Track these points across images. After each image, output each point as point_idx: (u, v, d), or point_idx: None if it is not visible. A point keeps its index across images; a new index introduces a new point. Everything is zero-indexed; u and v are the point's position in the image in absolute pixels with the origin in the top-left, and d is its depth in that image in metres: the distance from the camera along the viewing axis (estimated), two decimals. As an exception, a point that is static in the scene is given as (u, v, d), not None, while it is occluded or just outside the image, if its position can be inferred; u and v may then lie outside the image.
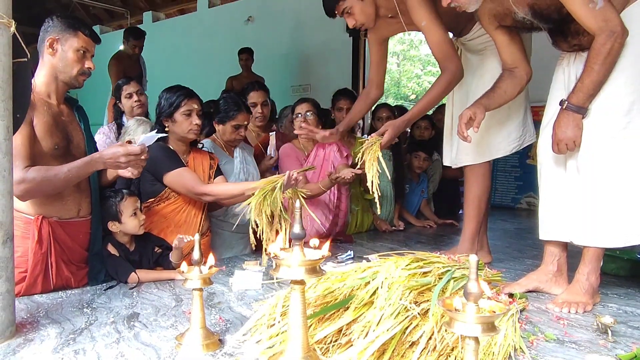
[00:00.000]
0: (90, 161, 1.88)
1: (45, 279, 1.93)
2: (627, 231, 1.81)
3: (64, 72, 1.97)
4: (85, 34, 1.97)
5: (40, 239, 1.89)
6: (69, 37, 1.95)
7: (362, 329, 1.38)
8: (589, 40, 1.82)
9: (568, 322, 1.71)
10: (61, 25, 1.95)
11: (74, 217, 2.02)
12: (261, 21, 7.81)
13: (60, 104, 2.01)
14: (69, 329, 1.59)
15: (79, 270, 2.06)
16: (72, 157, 1.96)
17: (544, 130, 2.06)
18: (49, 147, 1.89)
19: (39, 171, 1.80)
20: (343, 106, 3.50)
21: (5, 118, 1.50)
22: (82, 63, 1.98)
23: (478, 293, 0.99)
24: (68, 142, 1.98)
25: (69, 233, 1.99)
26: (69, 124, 2.02)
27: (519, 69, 2.15)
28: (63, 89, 2.02)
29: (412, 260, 1.68)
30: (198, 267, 1.47)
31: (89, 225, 2.08)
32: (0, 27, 1.47)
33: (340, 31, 6.78)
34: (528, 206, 5.28)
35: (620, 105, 1.80)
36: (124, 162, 1.86)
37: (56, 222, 1.95)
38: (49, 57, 1.95)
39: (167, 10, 10.00)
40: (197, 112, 2.43)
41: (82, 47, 1.96)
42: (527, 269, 2.36)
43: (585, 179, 1.88)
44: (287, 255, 1.24)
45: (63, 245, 1.97)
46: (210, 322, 1.65)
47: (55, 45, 1.94)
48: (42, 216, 1.91)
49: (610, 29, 1.71)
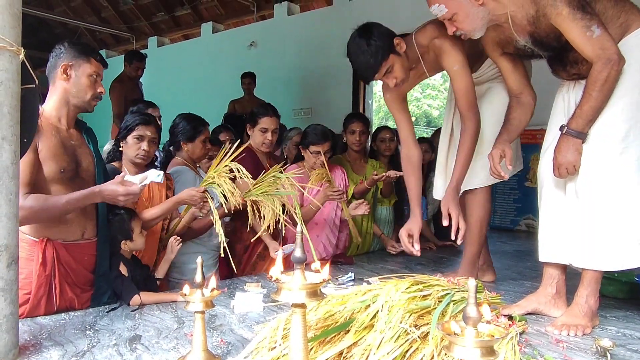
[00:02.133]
0: (90, 194, 1.92)
1: (48, 300, 1.95)
2: (625, 254, 1.83)
3: (77, 97, 2.01)
4: (96, 59, 2.03)
5: (45, 261, 1.91)
6: (82, 63, 2.00)
7: (363, 352, 1.39)
8: (588, 69, 1.87)
9: (567, 345, 1.72)
10: (73, 51, 2.00)
11: (78, 240, 2.04)
12: (263, 46, 7.95)
13: (71, 127, 2.06)
14: (71, 351, 1.60)
15: (83, 293, 2.07)
16: (81, 180, 2.01)
17: (545, 154, 2.10)
18: (55, 172, 1.92)
19: (37, 199, 1.83)
20: (356, 129, 3.52)
21: (13, 143, 1.53)
22: (94, 88, 2.03)
23: (477, 317, 1.01)
24: (76, 165, 2.02)
25: (73, 255, 2.01)
26: (78, 147, 2.05)
27: (524, 94, 2.19)
28: (74, 113, 2.06)
29: (412, 283, 1.69)
30: (200, 290, 1.48)
31: (95, 248, 2.10)
32: (10, 54, 1.51)
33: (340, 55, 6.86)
34: (527, 228, 5.30)
35: (617, 132, 1.84)
36: (122, 200, 1.93)
37: (60, 245, 1.97)
38: (62, 82, 1.99)
39: (172, 36, 10.20)
40: (149, 138, 2.48)
41: (94, 73, 2.02)
42: (526, 291, 2.36)
43: (584, 203, 1.91)
44: (288, 278, 1.26)
45: (67, 268, 1.99)
46: (212, 344, 1.66)
47: (69, 71, 1.99)
48: (46, 239, 1.93)
49: (607, 56, 1.76)
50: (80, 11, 10.72)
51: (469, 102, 2.27)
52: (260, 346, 1.52)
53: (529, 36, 1.98)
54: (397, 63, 2.22)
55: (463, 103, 2.28)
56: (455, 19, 2.01)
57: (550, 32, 1.91)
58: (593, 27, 1.76)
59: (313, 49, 7.25)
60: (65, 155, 1.96)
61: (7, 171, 1.51)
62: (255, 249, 2.87)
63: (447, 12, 2.00)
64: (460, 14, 1.99)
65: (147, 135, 2.47)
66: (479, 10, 1.97)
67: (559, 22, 1.83)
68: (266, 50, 7.87)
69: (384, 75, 2.24)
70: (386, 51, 2.17)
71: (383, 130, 3.87)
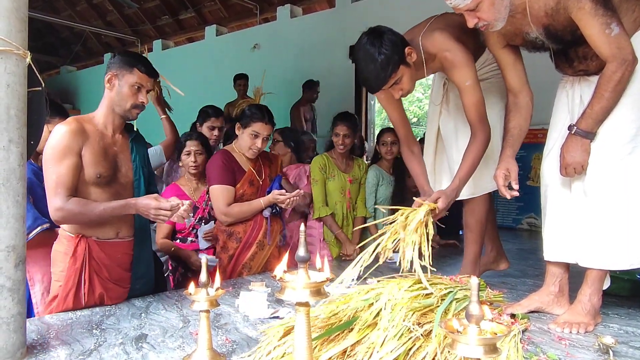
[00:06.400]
0: (125, 205, 2.02)
1: (77, 294, 2.04)
2: (632, 254, 1.83)
3: (119, 105, 2.10)
4: (140, 70, 2.10)
5: (75, 255, 2.02)
6: (125, 73, 2.08)
7: (366, 350, 1.41)
8: (596, 66, 1.86)
9: (570, 343, 1.73)
10: (120, 62, 2.10)
11: (112, 238, 2.13)
12: (267, 48, 7.98)
13: (116, 134, 2.15)
14: (78, 350, 1.62)
15: (116, 289, 2.15)
16: (119, 185, 2.12)
17: (550, 153, 2.09)
18: (92, 176, 2.02)
19: (77, 203, 1.96)
20: (340, 132, 3.44)
21: (20, 145, 1.56)
22: (135, 97, 2.10)
23: (479, 315, 1.02)
24: (115, 171, 2.11)
25: (106, 252, 2.10)
26: (120, 153, 2.15)
27: (522, 93, 2.11)
28: (119, 121, 2.16)
29: (415, 282, 1.70)
30: (205, 289, 1.50)
31: (130, 247, 2.19)
32: (16, 58, 1.54)
33: (343, 57, 6.90)
34: (529, 227, 5.31)
35: (626, 132, 1.83)
36: (152, 214, 2.01)
37: (94, 241, 2.08)
38: (108, 91, 2.11)
39: (176, 39, 10.27)
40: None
41: (136, 83, 2.09)
42: (528, 289, 2.38)
43: (592, 202, 1.90)
44: (292, 277, 1.27)
45: (100, 263, 2.08)
46: (217, 343, 1.68)
47: (113, 81, 2.09)
48: (81, 235, 2.04)
49: (623, 56, 1.74)
50: (85, 15, 10.79)
51: (480, 114, 2.19)
52: (265, 344, 1.54)
53: (543, 28, 1.91)
54: (407, 75, 2.10)
55: (474, 116, 2.20)
56: (479, 8, 1.87)
57: (567, 26, 1.85)
58: (612, 24, 1.73)
59: (315, 50, 7.28)
60: (105, 161, 2.06)
61: (15, 173, 1.53)
62: (241, 258, 2.80)
63: (471, 1, 1.85)
64: (485, 2, 1.85)
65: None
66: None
67: (579, 16, 1.77)
68: (269, 53, 7.90)
69: (390, 87, 2.12)
70: (397, 62, 2.04)
71: (385, 133, 3.79)
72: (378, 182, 3.67)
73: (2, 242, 1.49)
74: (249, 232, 2.81)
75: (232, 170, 2.78)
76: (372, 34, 2.07)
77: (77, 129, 1.98)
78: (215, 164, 2.80)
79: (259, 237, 2.81)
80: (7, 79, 1.51)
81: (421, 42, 2.20)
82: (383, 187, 3.69)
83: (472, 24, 1.92)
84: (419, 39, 2.21)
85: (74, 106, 11.56)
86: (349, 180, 3.53)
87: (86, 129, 2.01)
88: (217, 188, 2.76)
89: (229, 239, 2.81)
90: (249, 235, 2.81)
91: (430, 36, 2.20)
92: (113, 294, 2.13)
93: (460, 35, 2.19)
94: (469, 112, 2.22)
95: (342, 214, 3.52)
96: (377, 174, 3.68)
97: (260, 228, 2.83)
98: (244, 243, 2.80)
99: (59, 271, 2.04)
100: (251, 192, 2.83)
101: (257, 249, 2.82)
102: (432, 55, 2.22)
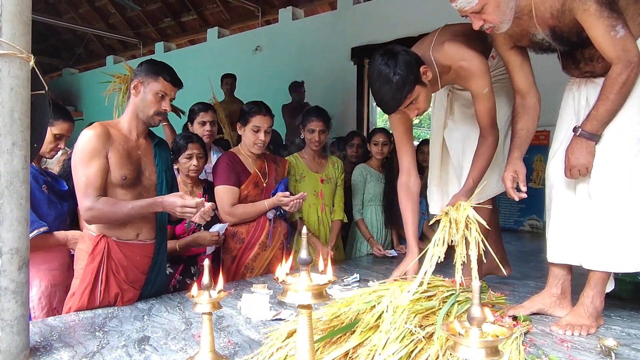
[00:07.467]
0: (153, 203, 2.08)
1: (92, 292, 2.07)
2: (636, 257, 1.83)
3: (142, 112, 2.16)
4: (165, 79, 2.16)
5: (94, 252, 2.07)
6: (150, 81, 2.14)
7: (369, 352, 1.41)
8: (602, 67, 1.86)
9: (572, 345, 1.73)
10: (146, 70, 2.17)
11: (132, 240, 2.17)
12: (269, 50, 7.99)
13: (140, 138, 2.21)
14: (81, 353, 1.62)
15: (130, 290, 2.18)
16: (142, 187, 2.18)
17: (555, 155, 2.09)
18: (117, 178, 2.07)
19: (106, 203, 2.02)
20: (315, 128, 3.21)
21: (23, 148, 1.56)
22: (159, 105, 2.16)
23: (481, 318, 1.02)
24: (139, 173, 2.16)
25: (125, 253, 2.13)
26: (144, 157, 2.21)
27: (530, 95, 2.11)
28: (143, 126, 2.21)
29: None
30: (207, 292, 1.50)
31: (151, 250, 2.23)
32: (20, 61, 1.54)
33: (344, 59, 6.92)
34: (531, 229, 5.30)
35: (632, 134, 1.83)
36: (179, 212, 2.05)
37: (114, 242, 2.12)
38: (133, 97, 2.17)
39: (178, 41, 10.29)
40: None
41: (160, 91, 2.14)
42: (530, 291, 2.37)
43: (597, 205, 1.90)
44: (294, 280, 1.28)
45: (118, 263, 2.11)
46: (220, 345, 1.68)
47: (139, 87, 2.15)
48: (102, 235, 2.09)
49: (628, 59, 1.74)
50: (88, 18, 10.82)
51: (493, 119, 2.23)
52: (267, 347, 1.54)
53: (549, 30, 1.91)
54: (422, 94, 2.07)
55: (487, 121, 2.22)
56: (484, 10, 1.86)
57: (573, 27, 1.85)
58: (618, 27, 1.73)
59: (317, 52, 7.29)
60: (129, 164, 2.11)
61: (18, 176, 1.54)
62: (243, 259, 2.84)
63: (477, 3, 1.84)
64: (490, 4, 1.84)
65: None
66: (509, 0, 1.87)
67: (584, 18, 1.77)
68: (271, 55, 7.92)
69: (406, 107, 2.09)
70: (412, 83, 2.01)
71: (378, 133, 3.74)
72: (365, 180, 3.65)
73: (5, 245, 1.50)
74: (251, 232, 2.85)
75: (236, 171, 2.84)
76: (386, 54, 2.03)
77: (102, 133, 2.04)
78: (221, 165, 2.86)
79: (261, 238, 2.85)
80: (10, 82, 1.51)
81: (433, 56, 2.18)
82: (372, 184, 3.66)
83: (477, 26, 1.92)
84: (430, 54, 2.18)
85: (76, 108, 11.59)
86: (320, 180, 3.29)
87: (111, 133, 2.08)
88: (222, 188, 2.81)
89: (232, 239, 2.85)
90: (251, 236, 2.85)
91: (440, 49, 2.18)
92: (126, 296, 2.16)
93: (469, 42, 2.19)
94: (482, 118, 2.22)
95: (317, 217, 3.28)
96: (362, 172, 3.65)
97: (263, 229, 2.86)
98: (246, 244, 2.85)
99: (79, 268, 2.10)
100: (255, 193, 2.88)
101: (259, 250, 2.85)
102: (447, 67, 2.20)
